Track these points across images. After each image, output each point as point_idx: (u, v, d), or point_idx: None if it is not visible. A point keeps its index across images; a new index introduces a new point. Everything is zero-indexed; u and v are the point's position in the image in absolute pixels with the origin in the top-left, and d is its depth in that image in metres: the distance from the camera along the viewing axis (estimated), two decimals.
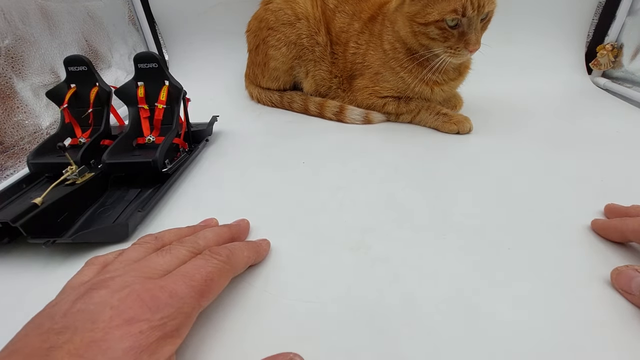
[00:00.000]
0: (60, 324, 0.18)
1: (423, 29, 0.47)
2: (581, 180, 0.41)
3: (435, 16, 0.45)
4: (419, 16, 0.47)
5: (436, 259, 0.30)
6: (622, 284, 0.25)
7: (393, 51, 0.54)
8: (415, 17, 0.47)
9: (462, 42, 0.46)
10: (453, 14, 0.44)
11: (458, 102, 0.61)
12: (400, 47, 0.53)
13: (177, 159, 0.44)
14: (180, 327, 0.20)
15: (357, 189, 0.40)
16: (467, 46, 0.46)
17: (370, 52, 0.57)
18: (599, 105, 0.66)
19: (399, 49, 0.53)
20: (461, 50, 0.47)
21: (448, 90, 0.56)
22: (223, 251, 0.25)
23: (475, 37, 0.46)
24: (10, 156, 0.48)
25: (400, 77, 0.54)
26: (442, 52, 0.48)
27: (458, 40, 0.46)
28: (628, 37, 0.73)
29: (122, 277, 0.20)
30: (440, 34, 0.47)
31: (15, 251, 0.32)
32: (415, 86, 0.54)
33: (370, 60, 0.57)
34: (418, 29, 0.48)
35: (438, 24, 0.46)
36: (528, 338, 0.23)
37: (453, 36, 0.46)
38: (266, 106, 0.69)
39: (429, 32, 0.47)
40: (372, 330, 0.24)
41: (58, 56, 0.57)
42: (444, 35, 0.47)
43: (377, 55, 0.56)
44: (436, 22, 0.46)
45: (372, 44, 0.57)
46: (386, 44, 0.54)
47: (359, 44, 0.58)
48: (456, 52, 0.47)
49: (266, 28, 0.62)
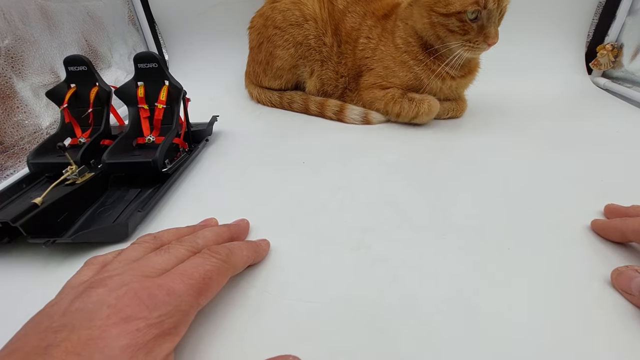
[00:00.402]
0: (59, 322, 0.18)
1: (443, 19, 0.47)
2: (581, 180, 0.41)
3: (457, 7, 0.45)
4: (440, 6, 0.47)
5: (436, 259, 0.30)
6: (622, 284, 0.25)
7: (406, 45, 0.54)
8: (436, 6, 0.47)
9: (481, 35, 0.46)
10: (475, 6, 0.44)
11: (462, 106, 0.60)
12: (414, 42, 0.53)
13: (177, 159, 0.44)
14: (178, 325, 0.20)
15: (357, 188, 0.40)
16: (486, 39, 0.46)
17: (380, 46, 0.57)
18: (599, 106, 0.66)
19: (412, 43, 0.53)
20: (480, 44, 0.47)
21: (457, 87, 0.56)
22: (222, 250, 0.25)
23: (494, 30, 0.46)
24: (10, 156, 0.48)
25: (413, 70, 0.54)
26: (460, 46, 0.48)
27: (477, 34, 0.46)
28: (628, 37, 0.73)
29: (120, 276, 0.20)
30: (461, 27, 0.46)
31: (15, 251, 0.32)
32: (426, 79, 0.54)
33: (381, 55, 0.57)
34: (437, 20, 0.47)
35: (459, 15, 0.45)
36: (528, 338, 0.23)
37: (472, 29, 0.46)
38: (266, 106, 0.69)
39: (449, 23, 0.47)
40: (372, 330, 0.24)
41: (58, 56, 0.57)
42: (464, 28, 0.46)
43: (387, 50, 0.56)
44: (458, 14, 0.45)
45: (384, 39, 0.57)
46: (398, 39, 0.54)
47: (369, 38, 0.58)
48: (475, 45, 0.47)
49: (272, 26, 0.62)
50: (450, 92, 0.57)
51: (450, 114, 0.59)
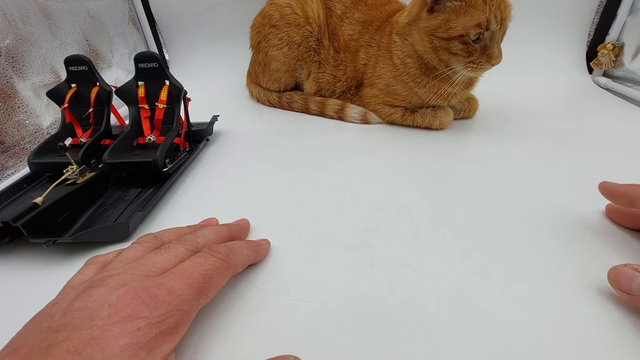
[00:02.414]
0: (59, 322, 0.18)
1: (445, 43, 0.46)
2: (581, 179, 0.41)
3: (459, 31, 0.44)
4: (441, 31, 0.45)
5: (436, 258, 0.30)
6: (621, 284, 0.24)
7: (404, 66, 0.52)
8: (436, 31, 0.46)
9: (484, 55, 0.45)
10: (477, 29, 0.43)
11: (474, 105, 0.59)
12: (411, 62, 0.51)
13: (178, 159, 0.44)
14: (179, 324, 0.20)
15: (357, 188, 0.40)
16: (489, 60, 0.45)
17: (379, 64, 0.56)
18: (599, 105, 0.66)
19: (410, 65, 0.51)
20: (483, 65, 0.46)
21: (461, 97, 0.55)
22: (222, 249, 0.25)
23: (497, 50, 0.45)
24: (11, 156, 0.48)
25: (414, 92, 0.53)
26: (462, 67, 0.47)
27: (481, 54, 0.45)
28: (629, 36, 0.73)
29: (120, 275, 0.21)
30: (464, 49, 0.45)
31: (16, 251, 0.33)
32: (430, 100, 0.53)
33: (381, 72, 0.55)
34: (439, 44, 0.46)
35: (462, 38, 0.44)
36: (528, 338, 0.23)
37: (476, 50, 0.45)
38: (265, 106, 0.69)
39: (451, 47, 0.45)
40: (372, 330, 0.24)
41: (59, 56, 0.58)
42: (467, 50, 0.45)
43: (386, 68, 0.55)
44: (460, 37, 0.44)
45: (381, 57, 0.55)
46: (395, 59, 0.53)
47: (367, 57, 0.57)
48: (478, 66, 0.46)
49: (269, 25, 0.61)
50: (457, 103, 0.57)
51: (462, 114, 0.59)
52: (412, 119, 0.56)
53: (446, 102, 0.54)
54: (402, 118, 0.56)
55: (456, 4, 0.43)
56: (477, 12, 0.43)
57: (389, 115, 0.57)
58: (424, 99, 0.53)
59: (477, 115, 0.60)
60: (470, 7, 0.43)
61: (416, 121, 0.55)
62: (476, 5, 0.43)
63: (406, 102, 0.55)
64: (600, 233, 0.32)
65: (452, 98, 0.53)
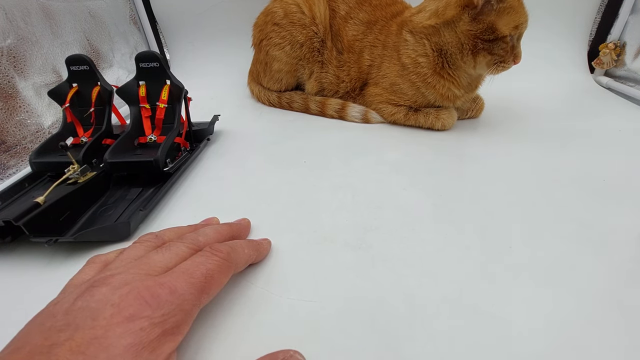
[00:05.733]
0: (62, 321, 0.18)
1: (488, 45, 0.47)
2: (582, 179, 0.40)
3: (504, 32, 0.46)
4: (487, 33, 0.46)
5: (437, 258, 0.30)
6: None
7: (414, 65, 0.52)
8: (483, 34, 0.46)
9: (512, 55, 0.48)
10: (516, 30, 0.46)
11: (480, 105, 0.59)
12: (425, 62, 0.51)
13: (179, 158, 0.44)
14: (181, 324, 0.20)
15: (358, 188, 0.40)
16: (515, 59, 0.48)
17: (385, 64, 0.55)
18: (601, 104, 0.65)
19: (423, 64, 0.51)
20: (509, 63, 0.48)
21: (466, 99, 0.56)
22: (223, 248, 0.25)
23: (520, 49, 0.48)
24: (12, 155, 0.48)
25: (421, 92, 0.53)
26: (491, 66, 0.48)
27: (510, 54, 0.47)
28: (631, 36, 0.73)
29: (122, 274, 0.21)
30: (504, 49, 0.47)
31: (18, 250, 0.33)
32: (436, 101, 0.53)
33: (386, 72, 0.55)
34: (482, 46, 0.47)
35: (505, 39, 0.46)
36: (529, 338, 0.23)
37: (507, 51, 0.47)
38: (266, 105, 0.69)
39: (494, 48, 0.47)
40: (373, 329, 0.24)
41: (60, 55, 0.58)
42: (505, 49, 0.47)
43: (392, 67, 0.54)
44: (503, 37, 0.46)
45: (387, 57, 0.55)
46: (405, 58, 0.52)
47: (372, 57, 0.57)
48: (506, 65, 0.48)
49: (271, 23, 0.61)
50: (463, 104, 0.57)
51: (469, 114, 0.59)
52: (415, 118, 0.56)
53: (451, 104, 0.54)
54: (405, 117, 0.56)
55: (501, 5, 0.45)
56: (517, 14, 0.46)
57: (392, 115, 0.57)
58: (430, 99, 0.53)
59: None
60: (513, 9, 0.45)
61: (419, 121, 0.55)
62: (517, 8, 0.46)
63: (411, 101, 0.55)
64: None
65: (457, 100, 0.54)
